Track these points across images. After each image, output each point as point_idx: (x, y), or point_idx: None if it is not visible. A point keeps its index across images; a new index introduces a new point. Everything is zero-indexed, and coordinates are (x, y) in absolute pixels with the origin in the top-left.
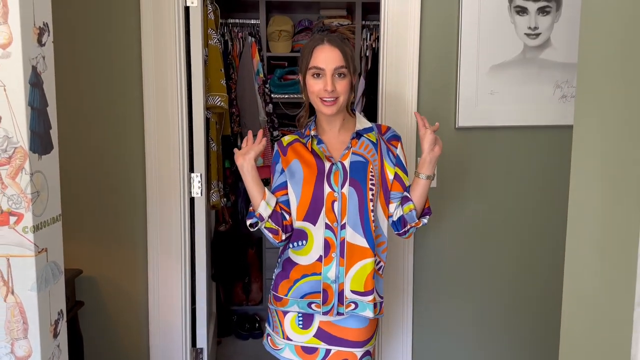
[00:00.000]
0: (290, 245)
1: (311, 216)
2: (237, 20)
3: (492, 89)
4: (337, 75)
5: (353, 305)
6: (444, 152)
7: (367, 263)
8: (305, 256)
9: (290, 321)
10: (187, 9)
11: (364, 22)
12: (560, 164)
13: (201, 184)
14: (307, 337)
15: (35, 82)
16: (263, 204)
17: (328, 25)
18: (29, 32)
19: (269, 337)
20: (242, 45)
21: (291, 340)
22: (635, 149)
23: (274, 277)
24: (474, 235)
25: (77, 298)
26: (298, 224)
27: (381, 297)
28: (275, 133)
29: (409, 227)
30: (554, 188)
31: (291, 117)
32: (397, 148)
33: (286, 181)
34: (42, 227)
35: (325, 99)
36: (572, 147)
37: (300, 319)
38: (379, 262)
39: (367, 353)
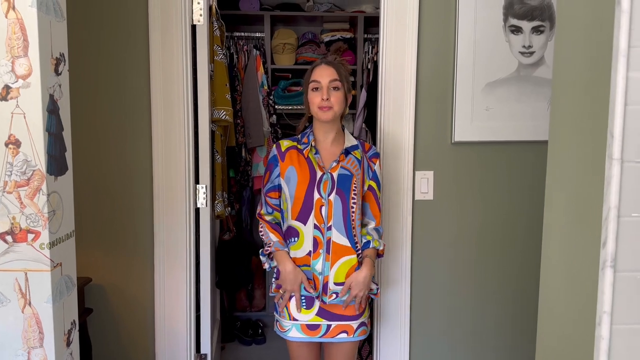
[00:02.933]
0: (288, 242)
1: (302, 217)
2: (242, 34)
3: (488, 105)
4: (332, 88)
5: (334, 296)
6: (440, 166)
7: (350, 259)
8: (298, 250)
9: (295, 303)
10: (193, 27)
11: (366, 35)
12: None
13: (206, 195)
14: (310, 316)
15: (52, 109)
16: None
17: (329, 58)
18: (47, 63)
19: (277, 323)
20: (247, 58)
21: (297, 320)
22: (595, 183)
23: (273, 265)
24: (469, 248)
25: (86, 305)
26: (291, 222)
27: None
28: None
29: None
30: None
31: (294, 127)
32: (375, 164)
33: (280, 184)
34: (58, 243)
35: (322, 107)
36: (545, 180)
37: (304, 300)
38: (360, 256)
39: (362, 324)
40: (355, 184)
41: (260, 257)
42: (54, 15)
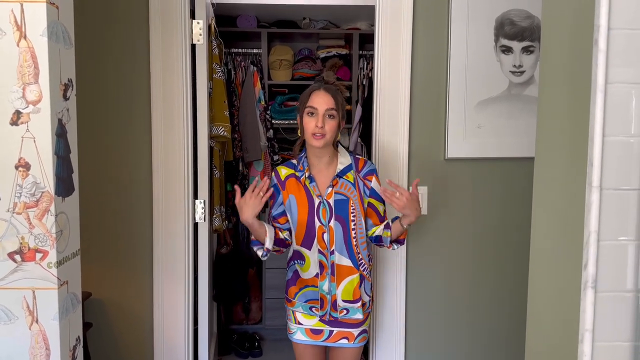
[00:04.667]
0: (295, 262)
1: (306, 243)
2: (240, 50)
3: (479, 122)
4: (327, 116)
5: (345, 311)
6: (434, 182)
7: (354, 278)
8: (305, 272)
9: (300, 310)
10: (193, 46)
11: (361, 52)
12: None
13: (204, 210)
14: (314, 322)
15: (60, 133)
16: (267, 241)
17: (327, 80)
18: (56, 89)
19: (287, 327)
20: (245, 73)
21: (302, 324)
22: (577, 207)
23: (286, 279)
24: (462, 262)
25: (85, 320)
26: (296, 248)
27: (368, 296)
28: (276, 157)
29: (382, 244)
30: None
31: (291, 141)
32: (371, 182)
33: (285, 211)
34: (64, 262)
35: (315, 134)
36: (532, 202)
37: (310, 308)
38: (367, 268)
39: (363, 331)
40: (352, 206)
41: (252, 246)
42: (63, 43)
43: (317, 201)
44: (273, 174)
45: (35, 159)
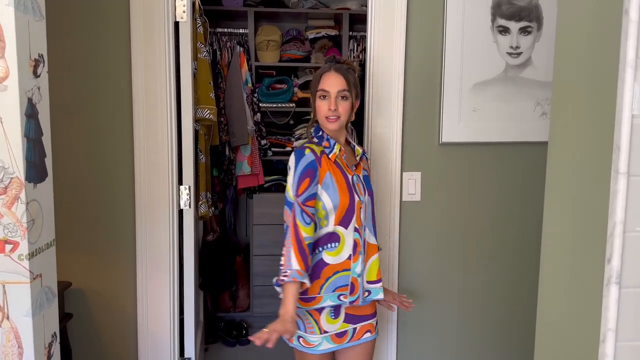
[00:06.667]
0: (323, 248)
1: (345, 221)
2: (225, 30)
3: (475, 106)
4: (340, 98)
5: (367, 293)
6: (428, 167)
7: (376, 257)
8: (337, 256)
9: (325, 316)
10: (176, 24)
11: (351, 33)
12: (541, 179)
13: (189, 197)
14: (338, 325)
15: (30, 114)
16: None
17: (339, 58)
18: (25, 64)
19: (300, 339)
20: (231, 54)
21: (327, 332)
22: (603, 193)
23: None
24: (457, 249)
25: (65, 310)
26: (332, 228)
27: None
28: (263, 142)
29: None
30: (533, 203)
31: (279, 125)
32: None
33: (317, 192)
34: (37, 254)
35: (329, 117)
36: (544, 201)
37: (332, 311)
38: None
39: (376, 321)
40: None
41: (275, 287)
42: (32, 15)
43: (349, 176)
44: (308, 151)
45: (3, 141)
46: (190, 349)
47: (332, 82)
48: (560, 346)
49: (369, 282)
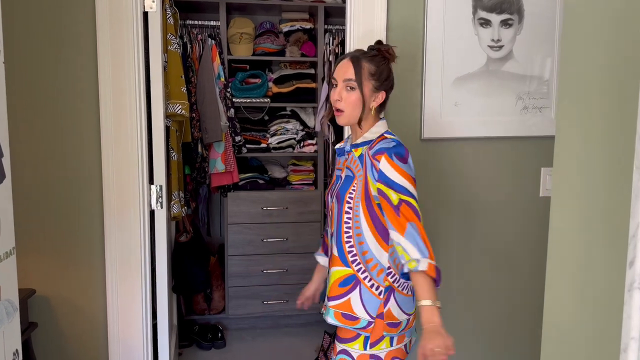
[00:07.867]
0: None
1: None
2: (196, 22)
3: (457, 100)
4: (346, 88)
5: (324, 309)
6: None
7: (336, 270)
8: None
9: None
10: (145, 14)
11: (326, 26)
12: (522, 174)
13: (161, 196)
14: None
15: None
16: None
17: (372, 47)
18: None
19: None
20: (202, 47)
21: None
22: (618, 191)
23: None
24: (439, 247)
25: (30, 319)
26: None
27: (372, 318)
28: (238, 138)
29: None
30: (515, 197)
31: (253, 121)
32: (379, 162)
33: None
34: None
35: (334, 109)
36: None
37: None
38: (370, 279)
39: (343, 351)
40: (353, 186)
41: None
42: None
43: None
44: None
45: None
46: (164, 355)
47: (341, 70)
48: (570, 355)
49: (328, 298)
